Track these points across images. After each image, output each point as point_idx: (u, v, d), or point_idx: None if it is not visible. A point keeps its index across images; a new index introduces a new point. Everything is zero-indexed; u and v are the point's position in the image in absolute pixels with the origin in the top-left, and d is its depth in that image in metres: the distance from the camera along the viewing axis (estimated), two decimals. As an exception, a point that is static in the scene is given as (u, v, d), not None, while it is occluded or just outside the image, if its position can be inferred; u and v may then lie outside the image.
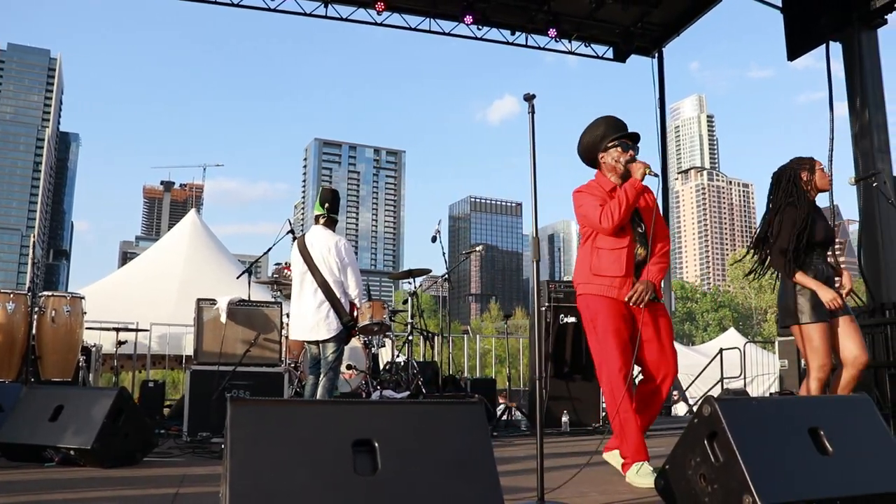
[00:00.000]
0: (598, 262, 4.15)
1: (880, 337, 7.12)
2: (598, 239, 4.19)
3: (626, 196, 4.06)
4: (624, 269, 4.10)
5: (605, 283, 4.12)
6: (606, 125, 4.31)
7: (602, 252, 4.16)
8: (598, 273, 4.13)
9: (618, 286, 4.10)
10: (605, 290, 4.11)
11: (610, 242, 4.15)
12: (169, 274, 13.38)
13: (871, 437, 2.80)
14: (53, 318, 7.16)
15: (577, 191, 4.30)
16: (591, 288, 4.16)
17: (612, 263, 4.12)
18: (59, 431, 4.44)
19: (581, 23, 12.44)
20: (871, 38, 9.22)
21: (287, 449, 2.19)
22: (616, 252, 4.13)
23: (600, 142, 4.29)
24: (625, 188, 4.10)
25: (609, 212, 4.06)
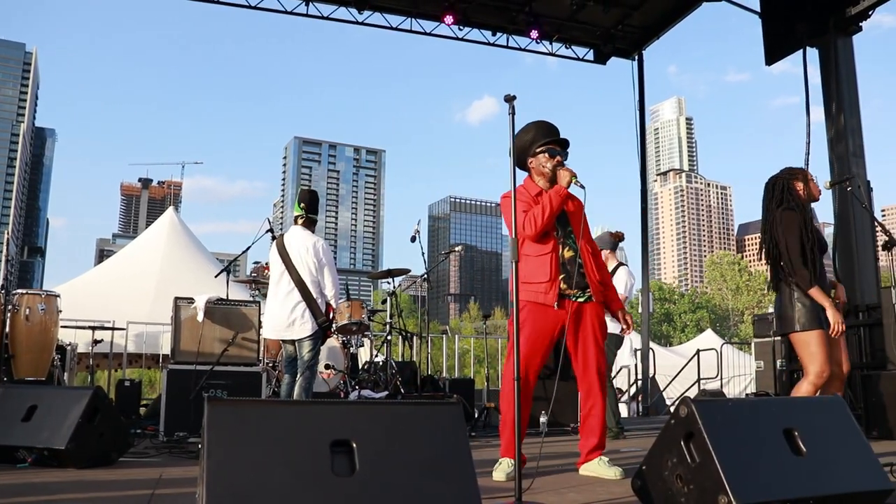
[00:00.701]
0: (523, 270, 4.14)
1: (853, 339, 7.24)
2: (524, 245, 4.22)
3: (550, 203, 4.11)
4: (549, 273, 4.15)
5: (532, 289, 4.16)
6: (536, 129, 4.33)
7: (529, 259, 4.20)
8: (527, 280, 4.16)
9: (544, 291, 4.15)
10: (532, 296, 4.15)
11: (535, 249, 4.20)
12: (146, 272, 13.27)
13: (844, 437, 2.84)
14: (27, 316, 7.06)
15: (504, 196, 4.23)
16: (523, 294, 4.14)
17: (538, 269, 4.17)
18: (32, 432, 4.38)
19: (562, 24, 12.49)
20: (846, 44, 9.34)
21: (265, 449, 2.18)
22: (541, 258, 4.18)
23: (529, 146, 4.31)
24: (549, 195, 4.15)
25: (532, 218, 4.11)
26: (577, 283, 4.22)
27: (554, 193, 4.14)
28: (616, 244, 7.44)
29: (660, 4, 11.92)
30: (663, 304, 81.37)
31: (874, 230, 8.70)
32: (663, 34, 12.56)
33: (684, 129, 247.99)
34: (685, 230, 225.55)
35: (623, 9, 12.04)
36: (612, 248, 7.40)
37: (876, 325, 6.93)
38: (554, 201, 4.12)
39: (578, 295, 4.24)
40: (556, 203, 4.12)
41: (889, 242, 5.24)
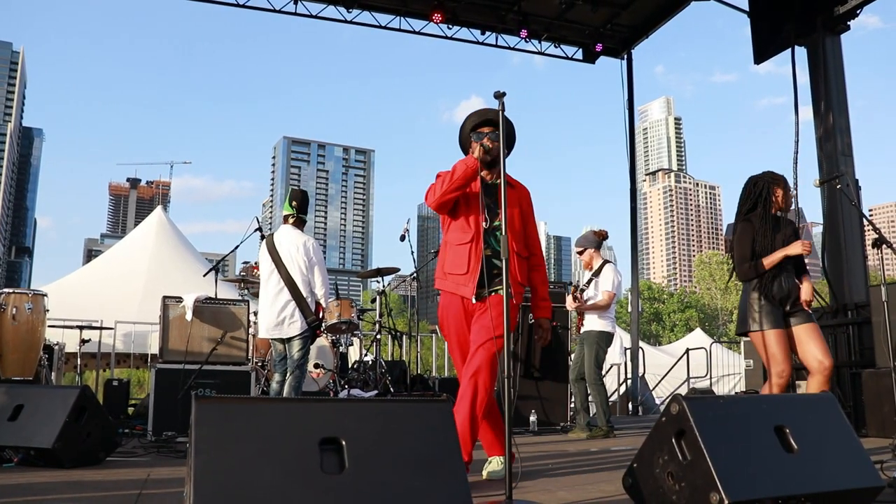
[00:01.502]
0: (443, 259, 4.04)
1: (843, 337, 7.25)
2: (449, 233, 4.04)
3: (453, 171, 3.87)
4: (466, 266, 3.92)
5: (451, 280, 3.99)
6: (471, 118, 4.13)
7: (449, 248, 4.03)
8: (448, 271, 4.01)
9: (462, 283, 3.95)
10: (451, 287, 3.99)
11: (456, 237, 3.99)
12: (134, 271, 13.21)
13: (835, 435, 2.84)
14: (14, 315, 6.99)
15: (439, 174, 4.05)
16: (442, 284, 4.04)
17: (457, 259, 3.97)
18: (19, 431, 4.34)
19: (551, 23, 12.48)
20: (835, 43, 9.37)
21: (253, 447, 2.16)
22: (460, 248, 3.97)
23: (466, 138, 4.14)
24: (455, 165, 3.92)
25: (433, 188, 3.91)
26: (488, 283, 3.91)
27: (460, 163, 3.89)
28: (600, 243, 7.46)
29: (648, 4, 11.93)
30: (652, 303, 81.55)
31: (863, 228, 8.74)
32: (652, 33, 12.57)
33: (673, 129, 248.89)
34: (674, 230, 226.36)
35: (612, 8, 12.05)
36: (596, 246, 7.41)
37: (865, 323, 6.94)
38: (458, 170, 3.85)
39: (484, 293, 3.93)
40: (458, 172, 3.84)
41: (878, 240, 5.26)
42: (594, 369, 7.03)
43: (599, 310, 7.13)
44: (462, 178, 3.85)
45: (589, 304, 7.16)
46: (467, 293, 3.92)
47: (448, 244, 4.01)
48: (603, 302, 7.11)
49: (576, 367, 7.30)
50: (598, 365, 7.07)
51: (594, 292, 7.25)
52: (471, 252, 3.91)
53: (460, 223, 3.98)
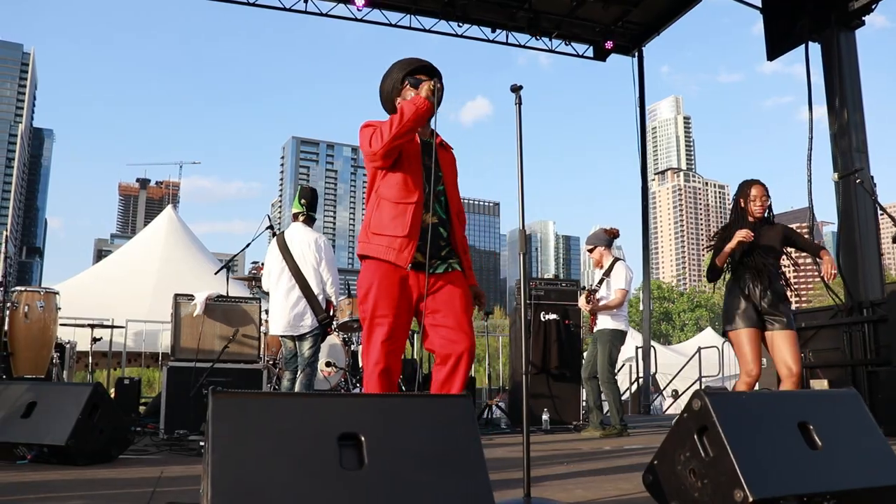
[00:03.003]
0: (379, 218, 3.39)
1: (858, 335, 7.18)
2: (382, 187, 3.42)
3: (401, 111, 3.30)
4: (408, 228, 3.33)
5: (384, 243, 3.35)
6: (398, 68, 3.60)
7: (385, 205, 3.40)
8: (379, 231, 3.38)
9: (397, 248, 3.33)
10: (382, 252, 3.34)
11: (395, 194, 3.38)
12: (145, 270, 13.23)
13: (860, 431, 2.79)
14: (26, 313, 7.01)
15: (364, 124, 3.49)
16: (368, 248, 3.40)
17: (395, 220, 3.35)
18: (32, 428, 4.33)
19: (561, 21, 12.43)
20: (849, 38, 9.29)
21: (271, 443, 2.12)
22: (401, 207, 3.37)
23: (393, 87, 3.59)
24: (401, 104, 3.36)
25: (380, 131, 3.31)
26: (436, 254, 3.42)
27: (408, 102, 3.33)
28: (611, 241, 7.41)
29: (659, 1, 11.87)
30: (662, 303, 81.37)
31: (878, 225, 8.66)
32: (663, 30, 12.51)
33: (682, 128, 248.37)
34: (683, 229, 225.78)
35: (623, 5, 12.00)
36: (607, 244, 7.36)
37: (881, 321, 6.88)
38: (407, 109, 3.28)
39: (437, 265, 3.42)
40: (409, 111, 3.28)
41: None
42: (607, 368, 6.98)
43: (612, 308, 7.08)
44: (414, 119, 3.29)
45: (602, 304, 7.12)
46: (402, 260, 3.32)
47: (383, 200, 3.40)
48: (616, 300, 7.06)
49: (588, 366, 7.25)
50: (611, 363, 7.02)
51: (606, 292, 7.21)
52: (415, 213, 3.35)
53: (400, 179, 3.41)
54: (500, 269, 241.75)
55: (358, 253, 3.48)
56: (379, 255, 3.35)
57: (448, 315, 3.36)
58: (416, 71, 3.57)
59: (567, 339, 8.24)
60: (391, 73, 3.63)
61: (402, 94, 3.55)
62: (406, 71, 3.57)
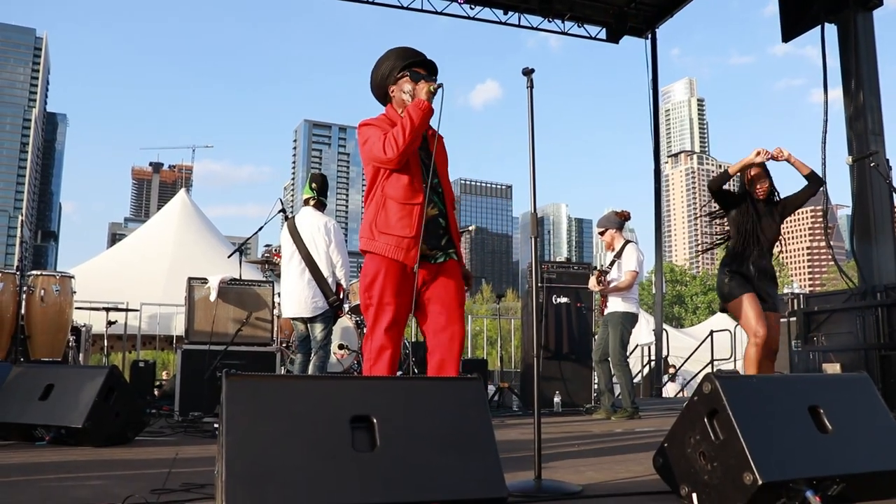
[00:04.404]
0: (385, 218, 3.49)
1: (871, 319, 7.15)
2: (387, 187, 3.52)
3: (410, 118, 3.41)
4: (415, 229, 3.45)
5: (392, 242, 3.46)
6: (395, 56, 3.67)
7: (392, 205, 3.50)
8: (385, 231, 3.48)
9: (405, 248, 3.45)
10: (391, 251, 3.45)
11: (401, 195, 3.49)
12: (159, 254, 13.31)
13: (871, 415, 2.79)
14: (43, 297, 7.08)
15: (363, 123, 3.62)
16: (375, 246, 3.49)
17: (402, 220, 3.47)
18: (49, 410, 4.39)
19: (574, 3, 12.36)
20: (866, 19, 9.18)
21: (284, 425, 2.16)
22: (408, 207, 3.48)
23: (389, 74, 3.66)
24: (408, 110, 3.46)
25: (392, 138, 3.40)
26: (437, 245, 3.58)
27: (413, 107, 3.44)
28: (622, 223, 7.39)
29: (674, -18, 11.78)
30: (675, 286, 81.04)
31: (892, 209, 8.59)
32: (676, 12, 12.40)
33: (696, 111, 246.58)
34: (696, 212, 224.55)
35: (636, -13, 11.91)
36: (618, 227, 7.35)
37: (894, 305, 6.85)
38: (415, 115, 3.40)
39: (438, 256, 3.58)
40: (416, 117, 3.40)
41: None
42: (619, 350, 6.99)
43: (623, 291, 7.08)
44: (423, 125, 3.45)
45: (612, 285, 7.11)
46: (410, 259, 3.45)
47: (389, 200, 3.50)
48: (626, 282, 7.06)
49: (599, 349, 7.26)
50: (622, 346, 7.03)
51: (617, 273, 7.20)
52: (420, 214, 3.48)
53: (404, 179, 3.51)
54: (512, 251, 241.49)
55: (361, 248, 3.56)
56: (387, 253, 3.46)
57: (442, 305, 3.54)
58: (415, 64, 3.62)
59: (579, 321, 8.25)
60: (387, 59, 3.68)
61: (399, 85, 3.62)
62: (406, 62, 3.62)
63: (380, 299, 3.47)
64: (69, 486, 3.16)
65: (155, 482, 3.04)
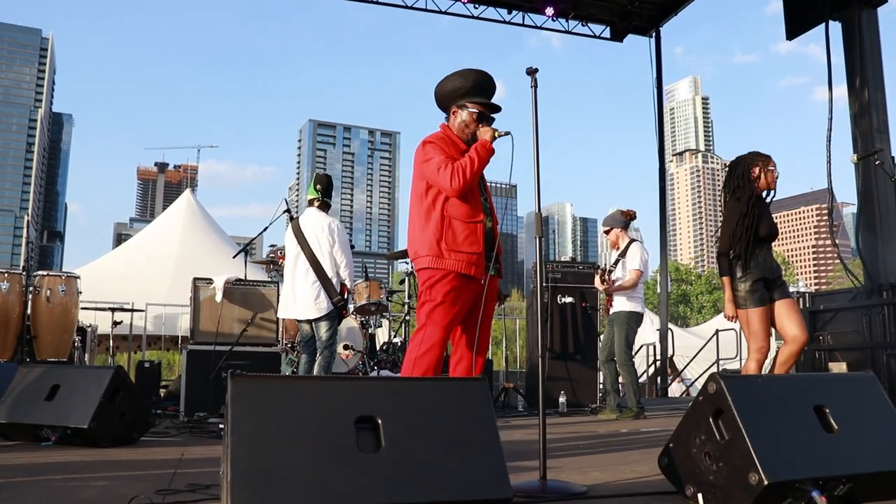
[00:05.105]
0: (452, 237, 3.71)
1: (878, 318, 7.12)
2: (449, 207, 3.74)
3: (479, 156, 3.72)
4: (481, 245, 3.73)
5: (463, 259, 3.69)
6: (474, 83, 3.89)
7: (457, 224, 3.72)
8: (455, 248, 3.70)
9: (475, 263, 3.71)
10: (463, 268, 3.68)
11: (465, 214, 3.74)
12: (164, 254, 13.33)
13: (877, 415, 2.78)
14: (48, 297, 7.10)
15: (426, 141, 3.85)
16: (446, 264, 3.69)
17: (468, 238, 3.72)
18: (55, 410, 4.40)
19: (578, 1, 12.33)
20: (871, 16, 9.13)
21: (289, 426, 2.16)
22: (472, 226, 3.74)
23: (460, 97, 3.89)
24: (476, 148, 3.75)
25: (461, 171, 3.66)
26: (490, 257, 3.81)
27: (481, 147, 3.74)
28: (627, 223, 7.38)
29: (678, -21, 11.75)
30: (680, 285, 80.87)
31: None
32: (681, 10, 12.37)
33: (700, 109, 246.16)
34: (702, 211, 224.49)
35: (641, -16, 11.88)
36: (623, 226, 7.34)
37: (901, 303, 6.83)
38: (482, 154, 3.72)
39: (490, 270, 3.80)
40: (484, 156, 3.72)
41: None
42: (624, 350, 6.98)
43: (628, 290, 7.07)
44: (486, 162, 3.78)
45: (617, 285, 7.11)
46: (479, 273, 3.72)
47: (454, 220, 3.72)
48: (630, 281, 7.05)
49: (605, 348, 7.26)
50: (628, 345, 7.02)
51: (622, 273, 7.19)
52: (483, 229, 3.76)
53: (466, 198, 3.76)
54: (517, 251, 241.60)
55: (430, 266, 3.72)
56: (459, 269, 3.70)
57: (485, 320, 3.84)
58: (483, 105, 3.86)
59: (584, 321, 8.24)
60: (459, 77, 3.90)
61: (460, 109, 3.88)
62: (478, 94, 3.88)
63: (443, 300, 3.69)
64: (75, 487, 3.16)
65: (160, 483, 3.05)
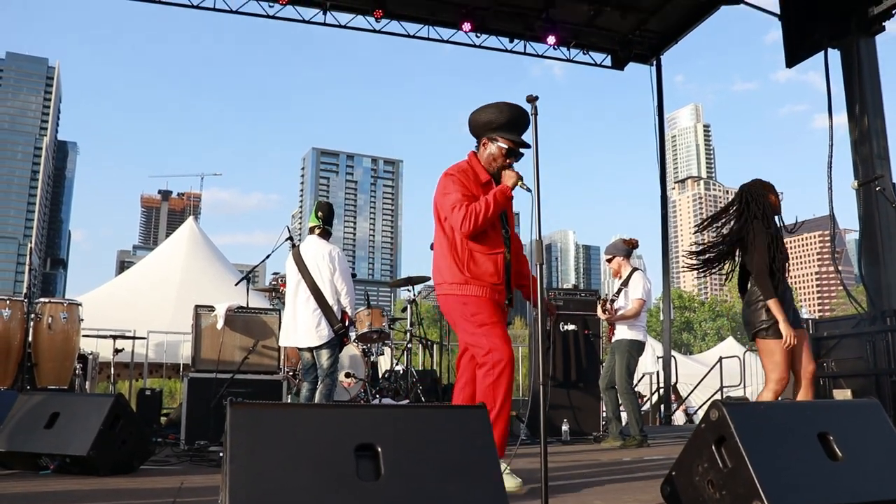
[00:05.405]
0: (475, 267, 3.91)
1: (881, 344, 7.09)
2: (471, 239, 3.94)
3: (496, 201, 3.85)
4: (502, 275, 3.94)
5: (486, 285, 3.90)
6: (508, 119, 3.99)
7: (478, 255, 3.92)
8: (478, 277, 3.90)
9: (498, 291, 3.94)
10: (487, 293, 3.90)
11: (486, 247, 3.94)
12: (167, 281, 13.34)
13: (882, 442, 2.76)
14: (50, 324, 7.09)
15: (448, 173, 3.99)
16: (469, 290, 3.90)
17: (490, 267, 3.92)
18: (54, 438, 4.37)
19: (580, 30, 12.45)
20: (869, 44, 9.21)
21: (288, 454, 2.14)
22: (492, 257, 3.93)
23: (492, 130, 4.02)
24: (494, 194, 3.88)
25: (474, 215, 3.81)
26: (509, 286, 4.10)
27: (500, 193, 3.88)
28: (630, 251, 7.38)
29: (677, 9, 11.86)
30: (683, 312, 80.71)
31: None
32: (681, 39, 12.49)
33: (702, 136, 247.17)
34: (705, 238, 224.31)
35: (640, 14, 12.00)
36: (625, 254, 7.34)
37: (904, 330, 6.80)
38: (499, 200, 3.87)
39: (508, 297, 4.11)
40: (501, 203, 3.88)
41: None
42: (625, 378, 6.94)
43: (630, 318, 7.05)
44: (501, 209, 3.91)
45: (619, 314, 7.09)
46: (501, 301, 3.98)
47: (475, 252, 3.91)
48: (633, 311, 7.03)
49: (606, 376, 7.22)
50: (629, 374, 6.99)
51: (624, 301, 7.17)
52: (503, 260, 3.96)
53: (488, 231, 3.95)
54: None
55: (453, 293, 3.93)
56: (482, 295, 3.89)
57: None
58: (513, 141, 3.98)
59: (587, 349, 8.21)
60: (494, 110, 3.99)
61: (490, 143, 4.02)
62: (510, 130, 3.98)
63: (489, 318, 3.87)
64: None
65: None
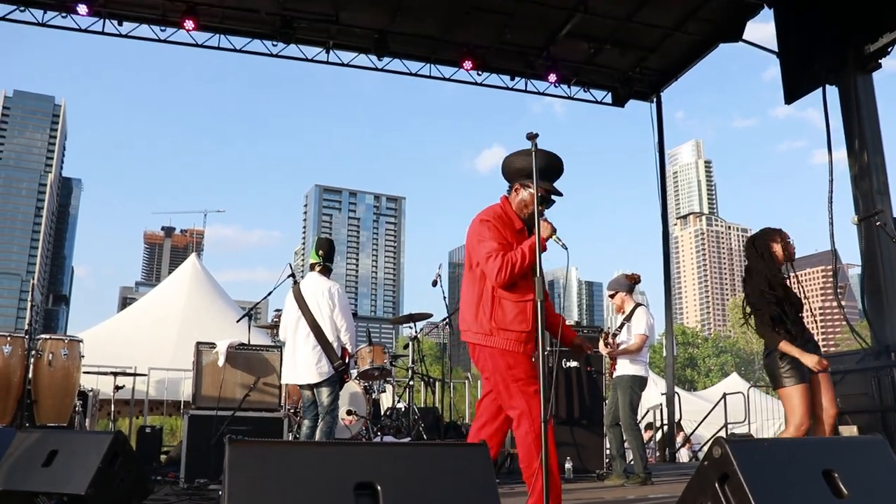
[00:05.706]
0: (502, 315, 3.85)
1: (886, 380, 7.06)
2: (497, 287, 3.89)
3: (530, 255, 3.79)
4: (531, 324, 3.81)
5: (512, 337, 3.83)
6: (542, 166, 3.91)
7: (507, 304, 3.86)
8: (504, 327, 3.83)
9: (523, 341, 3.83)
10: (511, 346, 3.82)
11: (515, 295, 3.87)
12: (169, 318, 13.32)
13: (888, 479, 2.73)
14: (50, 361, 7.07)
15: (482, 219, 3.99)
16: (494, 341, 3.84)
17: (518, 316, 3.84)
18: (52, 477, 4.33)
19: (580, 68, 12.57)
20: (866, 81, 9.30)
21: (287, 492, 2.12)
22: (521, 305, 3.85)
23: (526, 176, 3.96)
24: (531, 247, 3.80)
25: (510, 265, 3.78)
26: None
27: (534, 245, 3.80)
28: (632, 287, 7.38)
29: (676, 46, 11.99)
30: (686, 348, 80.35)
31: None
32: (681, 76, 12.60)
33: (703, 172, 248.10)
34: (707, 273, 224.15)
35: (640, 52, 12.12)
36: (628, 290, 7.34)
37: (909, 365, 6.77)
38: (532, 254, 3.78)
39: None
40: (534, 256, 3.77)
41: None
42: (629, 414, 6.89)
43: (632, 354, 7.02)
44: (536, 261, 3.80)
45: (621, 348, 7.06)
46: (528, 351, 3.85)
47: (504, 300, 3.86)
48: (635, 345, 7.00)
49: (610, 413, 7.17)
50: (632, 410, 6.94)
51: (626, 336, 7.15)
52: (533, 308, 3.79)
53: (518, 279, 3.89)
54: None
55: (479, 343, 3.87)
56: (508, 347, 3.80)
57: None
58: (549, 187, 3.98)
59: (589, 386, 8.16)
60: (529, 159, 3.86)
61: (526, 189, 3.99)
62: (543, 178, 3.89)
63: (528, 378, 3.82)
64: (70, 556, 3.10)
65: (156, 552, 2.99)
